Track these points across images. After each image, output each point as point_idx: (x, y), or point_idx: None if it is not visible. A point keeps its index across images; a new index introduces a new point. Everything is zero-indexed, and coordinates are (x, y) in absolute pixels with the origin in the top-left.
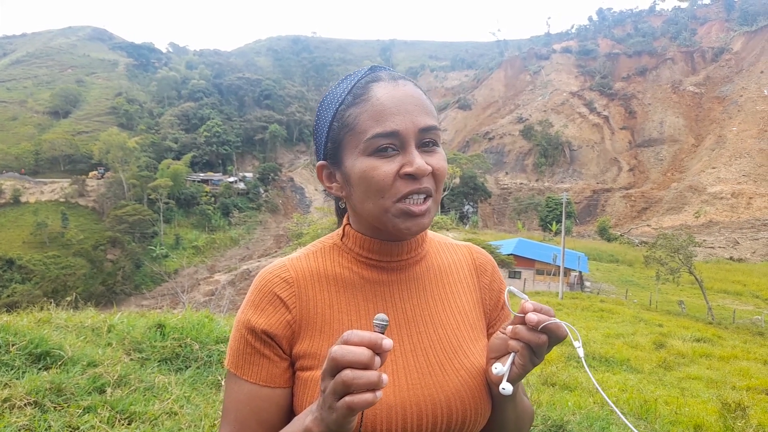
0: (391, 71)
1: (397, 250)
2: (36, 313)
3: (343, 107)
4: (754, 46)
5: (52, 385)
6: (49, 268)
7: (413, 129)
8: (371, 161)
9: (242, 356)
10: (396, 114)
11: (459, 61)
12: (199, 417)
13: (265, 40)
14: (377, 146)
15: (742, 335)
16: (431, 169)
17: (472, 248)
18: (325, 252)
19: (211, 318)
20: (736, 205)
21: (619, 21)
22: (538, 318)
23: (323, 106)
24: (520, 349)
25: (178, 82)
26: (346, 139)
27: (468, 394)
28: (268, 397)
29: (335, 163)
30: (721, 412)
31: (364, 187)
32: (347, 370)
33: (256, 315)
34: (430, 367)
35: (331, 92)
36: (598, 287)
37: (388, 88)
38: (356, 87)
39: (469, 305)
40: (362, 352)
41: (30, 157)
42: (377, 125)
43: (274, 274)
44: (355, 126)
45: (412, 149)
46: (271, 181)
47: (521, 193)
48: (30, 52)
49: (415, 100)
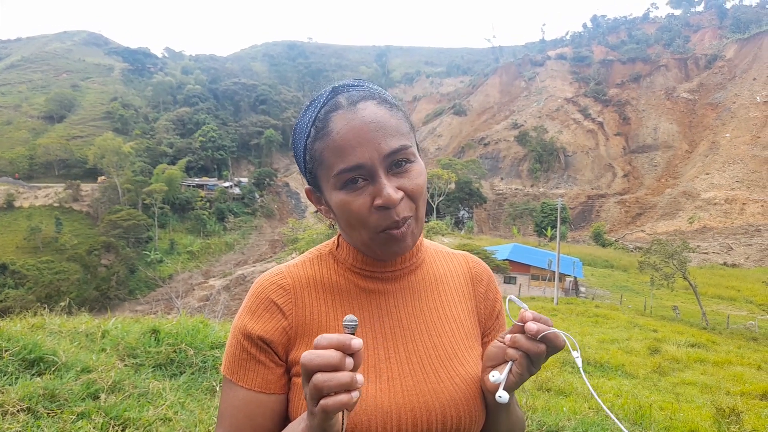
0: (351, 92)
1: (391, 262)
2: (29, 318)
3: (310, 140)
4: (747, 53)
5: (45, 391)
6: (42, 273)
7: (377, 157)
8: (343, 195)
9: (238, 362)
10: (357, 146)
11: (454, 67)
12: (194, 423)
13: (261, 46)
14: (345, 180)
15: (736, 340)
16: (402, 195)
17: (468, 257)
18: (321, 259)
19: (206, 323)
20: (729, 210)
21: (614, 28)
22: (538, 327)
23: (295, 138)
24: (518, 358)
25: (173, 87)
26: (319, 173)
27: (462, 400)
28: (263, 403)
29: (318, 189)
30: (715, 417)
31: (344, 219)
32: (318, 374)
33: (253, 321)
34: (425, 373)
35: (299, 122)
36: (593, 293)
37: (347, 118)
38: (318, 119)
39: (464, 314)
40: (330, 355)
41: (24, 161)
42: (340, 161)
43: (271, 281)
44: (323, 161)
45: (380, 178)
46: (267, 186)
47: (516, 199)
48: (25, 56)
49: (376, 125)
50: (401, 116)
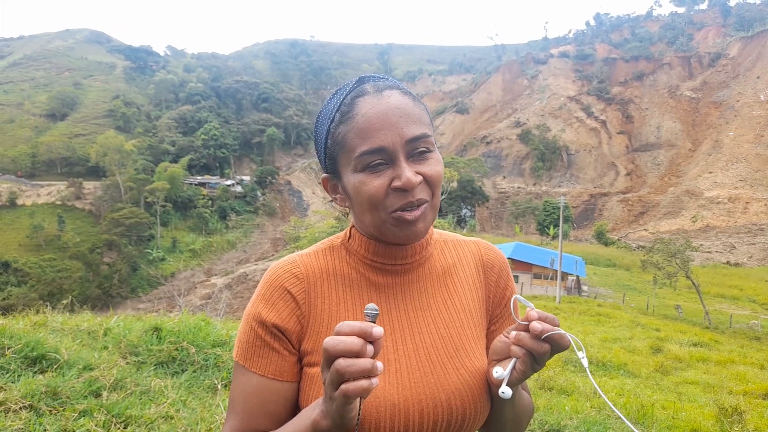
0: (377, 82)
1: (401, 254)
2: (32, 316)
3: (333, 125)
4: (751, 51)
5: (47, 389)
6: (45, 271)
7: (400, 142)
8: (362, 177)
9: (252, 348)
10: (381, 129)
11: (457, 65)
12: (196, 421)
13: (263, 44)
14: (366, 163)
15: (738, 340)
16: (421, 180)
17: (480, 244)
18: (333, 250)
19: (208, 321)
20: (732, 209)
21: (617, 26)
22: (542, 327)
23: (318, 124)
24: (522, 356)
25: (175, 85)
26: (340, 157)
27: (468, 392)
28: (276, 390)
29: (335, 176)
30: (717, 416)
31: (360, 201)
32: (340, 359)
33: (267, 309)
34: (432, 366)
35: (323, 109)
36: (596, 291)
37: (373, 102)
38: (343, 104)
39: (473, 303)
40: (353, 341)
41: (27, 159)
42: (363, 143)
43: (285, 269)
44: (345, 144)
45: (401, 162)
46: (269, 185)
47: (519, 197)
48: (27, 54)
49: (401, 111)
50: (423, 108)
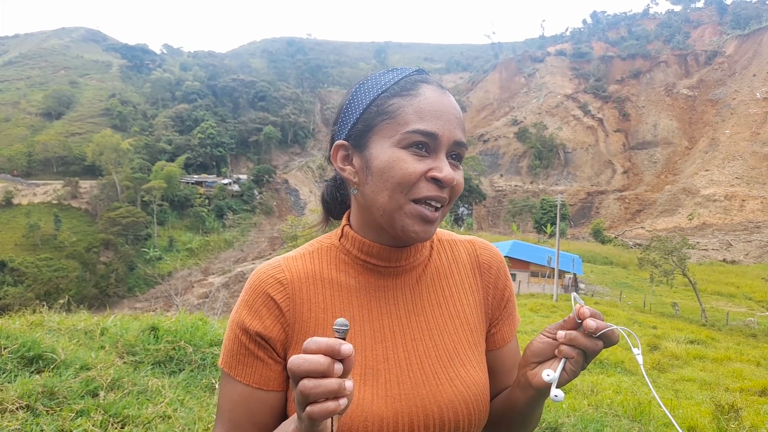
0: (438, 82)
1: (396, 255)
2: (28, 315)
3: (386, 95)
4: (747, 49)
5: (44, 389)
6: (41, 270)
7: (450, 138)
8: (402, 154)
9: (236, 357)
10: (440, 118)
11: (454, 64)
12: (193, 420)
13: (260, 42)
14: (414, 141)
15: (735, 337)
16: (456, 182)
17: (476, 244)
18: (322, 253)
19: (205, 321)
20: (729, 207)
21: (613, 24)
22: (597, 324)
23: (363, 88)
24: (575, 356)
25: (172, 83)
26: (381, 126)
27: (462, 405)
28: (262, 399)
29: (358, 146)
30: (714, 413)
31: (386, 177)
32: (305, 380)
33: (250, 316)
34: (424, 376)
35: (373, 77)
36: (593, 289)
37: (438, 93)
38: (405, 80)
39: (469, 308)
40: (318, 360)
41: (23, 158)
42: (420, 121)
43: (269, 274)
44: (397, 116)
45: (444, 156)
46: (266, 183)
47: (516, 196)
48: (23, 53)
49: (458, 113)
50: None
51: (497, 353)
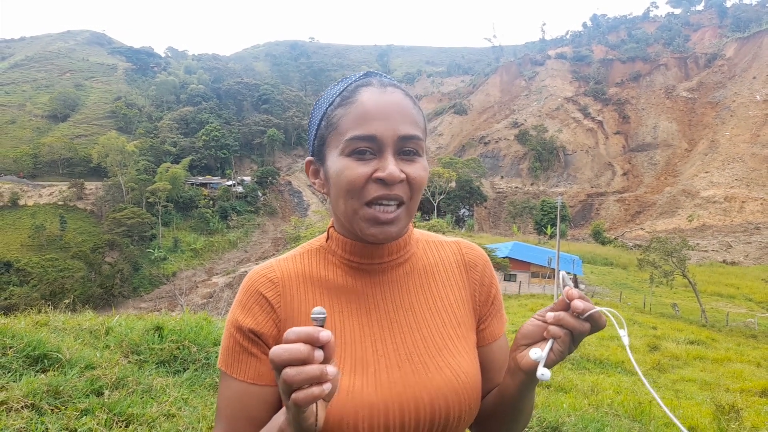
0: (383, 78)
1: (379, 253)
2: (34, 315)
3: (331, 108)
4: (747, 52)
5: (49, 388)
6: (47, 270)
7: (392, 136)
8: (347, 161)
9: (232, 355)
10: (377, 119)
11: (455, 67)
12: (197, 419)
13: (264, 45)
14: (354, 148)
15: (735, 338)
16: (404, 177)
17: (461, 244)
18: (311, 254)
19: (209, 320)
20: (729, 209)
21: (613, 27)
22: (584, 306)
23: (316, 106)
24: (562, 336)
25: (176, 86)
26: (330, 138)
27: (452, 392)
28: (257, 394)
29: (320, 159)
30: (715, 414)
31: (339, 186)
32: (287, 369)
33: (243, 314)
34: (413, 365)
35: (325, 93)
36: (593, 290)
37: (375, 94)
38: (346, 90)
39: (457, 303)
40: (298, 348)
41: (28, 160)
42: (357, 128)
43: (261, 275)
44: (338, 126)
45: (388, 155)
46: (269, 185)
47: (516, 197)
48: (29, 55)
49: (401, 108)
50: (421, 114)
51: (488, 349)
